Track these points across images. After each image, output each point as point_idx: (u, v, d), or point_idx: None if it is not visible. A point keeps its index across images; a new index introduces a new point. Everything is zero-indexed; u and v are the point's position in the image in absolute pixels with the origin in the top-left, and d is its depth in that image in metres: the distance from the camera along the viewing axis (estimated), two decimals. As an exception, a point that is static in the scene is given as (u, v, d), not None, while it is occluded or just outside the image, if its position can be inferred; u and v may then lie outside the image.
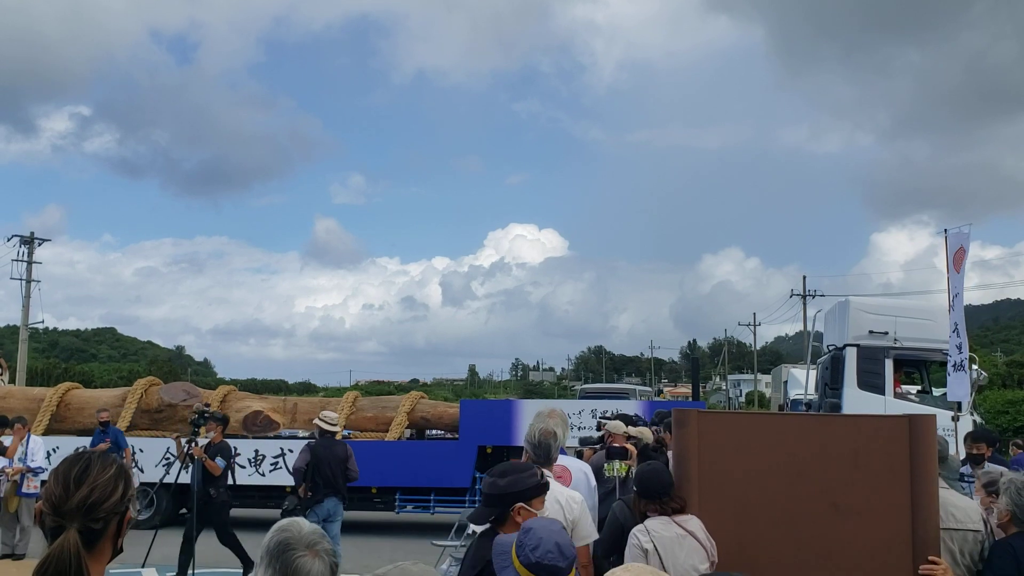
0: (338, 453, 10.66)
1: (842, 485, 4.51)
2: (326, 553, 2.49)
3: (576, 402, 19.82)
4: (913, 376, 18.58)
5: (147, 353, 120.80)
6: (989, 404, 33.60)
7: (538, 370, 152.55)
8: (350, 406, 16.22)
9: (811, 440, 4.63)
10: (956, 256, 11.74)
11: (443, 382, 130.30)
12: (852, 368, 16.48)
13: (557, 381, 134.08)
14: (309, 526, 2.60)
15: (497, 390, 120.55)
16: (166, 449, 15.54)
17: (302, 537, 2.51)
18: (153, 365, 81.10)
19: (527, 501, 3.78)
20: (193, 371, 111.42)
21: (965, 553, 4.54)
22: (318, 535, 2.53)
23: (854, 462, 4.53)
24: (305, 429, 16.99)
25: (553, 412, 5.72)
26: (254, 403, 16.83)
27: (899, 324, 16.52)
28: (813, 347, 21.16)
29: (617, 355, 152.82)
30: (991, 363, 50.07)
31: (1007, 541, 4.44)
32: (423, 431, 17.24)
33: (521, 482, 3.80)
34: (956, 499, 4.72)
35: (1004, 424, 32.89)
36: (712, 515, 4.51)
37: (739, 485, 4.56)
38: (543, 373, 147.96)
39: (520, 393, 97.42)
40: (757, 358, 76.30)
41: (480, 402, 22.35)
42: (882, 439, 4.56)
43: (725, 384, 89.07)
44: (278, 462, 15.37)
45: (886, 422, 4.80)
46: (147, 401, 16.61)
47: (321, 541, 2.51)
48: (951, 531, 4.53)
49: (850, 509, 4.48)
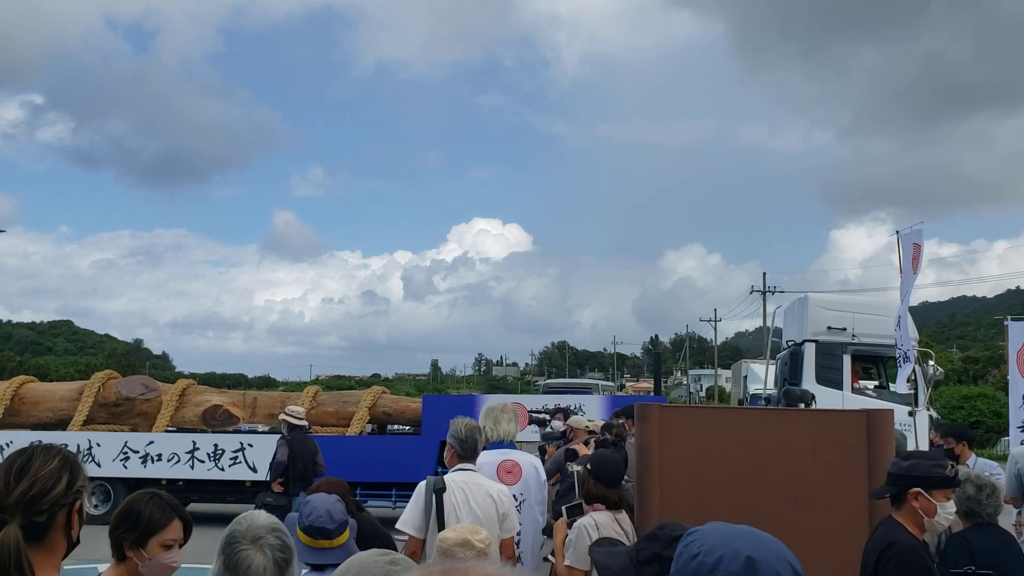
0: (309, 448, 10.73)
1: (801, 478, 4.55)
2: (270, 548, 2.48)
3: (539, 397, 19.83)
4: (870, 371, 18.84)
5: (104, 346, 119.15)
6: (945, 399, 34.22)
7: (501, 365, 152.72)
8: (311, 400, 16.08)
9: (771, 434, 4.67)
10: (914, 255, 11.89)
11: (405, 377, 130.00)
12: (811, 363, 16.66)
13: (520, 376, 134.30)
14: (264, 519, 2.57)
15: (460, 385, 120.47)
16: (124, 443, 15.32)
17: (249, 530, 2.50)
18: (111, 358, 79.95)
19: (927, 489, 3.80)
20: (151, 365, 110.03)
21: (921, 545, 4.60)
22: (266, 529, 2.51)
23: (813, 456, 4.57)
24: (265, 424, 16.83)
25: (505, 406, 5.76)
26: (213, 397, 16.63)
27: (857, 320, 16.74)
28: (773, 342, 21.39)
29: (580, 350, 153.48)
30: (947, 359, 50.98)
31: (962, 534, 4.51)
32: (385, 426, 17.15)
33: (923, 468, 3.84)
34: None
35: (960, 419, 33.52)
36: (673, 507, 4.53)
37: (700, 478, 4.58)
38: (506, 368, 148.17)
39: (483, 388, 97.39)
40: (718, 353, 77.00)
41: (443, 397, 22.29)
42: (840, 433, 4.61)
43: (686, 379, 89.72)
44: (237, 456, 15.20)
45: (844, 416, 4.86)
46: (105, 395, 16.34)
47: (267, 536, 2.49)
48: (907, 524, 4.58)
49: (809, 502, 4.52)
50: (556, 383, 36.59)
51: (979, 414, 33.60)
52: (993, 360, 58.56)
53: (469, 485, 4.93)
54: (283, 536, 2.55)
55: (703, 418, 5.06)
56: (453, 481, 4.87)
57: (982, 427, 31.98)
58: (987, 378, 50.52)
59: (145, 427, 15.87)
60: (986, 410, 34.36)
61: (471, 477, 5.02)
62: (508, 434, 5.61)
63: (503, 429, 5.59)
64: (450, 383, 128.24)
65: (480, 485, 4.96)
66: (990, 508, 4.49)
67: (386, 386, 19.19)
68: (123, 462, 15.23)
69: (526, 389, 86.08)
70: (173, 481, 14.96)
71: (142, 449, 15.32)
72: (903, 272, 12.17)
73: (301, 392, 17.11)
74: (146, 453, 15.29)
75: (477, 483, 4.98)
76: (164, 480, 15.08)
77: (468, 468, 5.07)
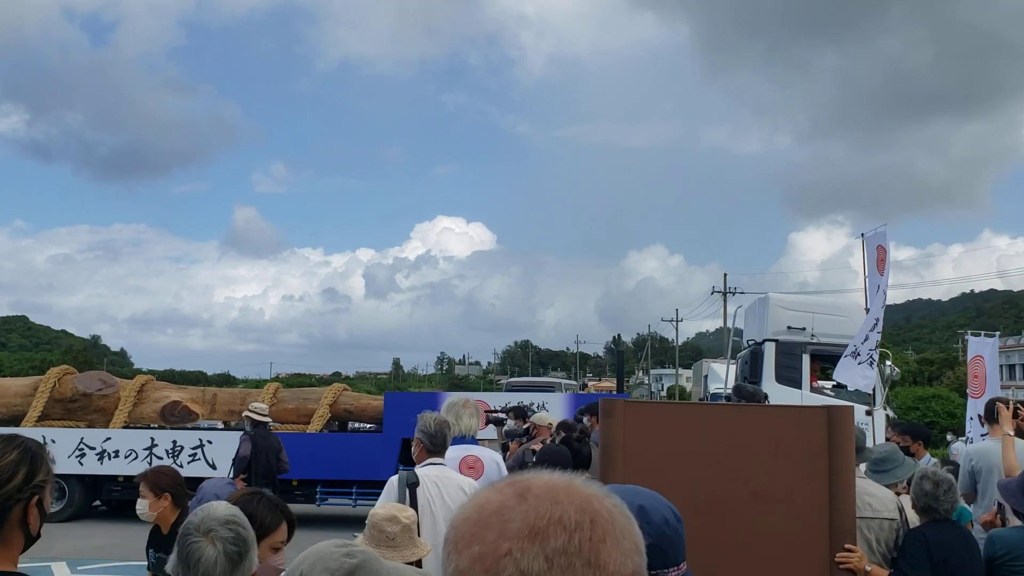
0: (273, 444, 10.63)
1: (762, 475, 4.57)
2: (221, 540, 2.46)
3: (502, 395, 19.83)
4: (828, 371, 19.08)
5: (61, 342, 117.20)
6: (900, 400, 34.75)
7: (464, 364, 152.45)
8: (271, 397, 15.94)
9: (734, 430, 4.69)
10: (878, 257, 12.03)
11: (367, 375, 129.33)
12: (771, 362, 16.84)
13: (483, 375, 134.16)
14: (222, 511, 2.56)
15: (422, 384, 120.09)
16: (80, 439, 15.08)
17: (203, 522, 2.49)
18: (67, 355, 78.46)
19: None
20: (109, 361, 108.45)
21: (881, 541, 4.66)
22: (219, 521, 2.49)
23: (774, 452, 4.60)
24: (225, 420, 16.65)
25: (467, 402, 5.76)
26: (172, 393, 16.44)
27: (816, 320, 16.95)
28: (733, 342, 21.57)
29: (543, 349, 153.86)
30: (903, 361, 51.77)
31: (920, 530, 4.58)
32: (346, 424, 17.04)
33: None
34: (873, 489, 4.84)
35: (915, 419, 34.04)
36: (636, 504, 4.54)
37: (663, 474, 4.59)
38: (469, 367, 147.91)
39: (446, 387, 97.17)
40: (679, 353, 77.53)
41: (405, 394, 22.20)
42: (801, 430, 4.64)
43: (648, 379, 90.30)
44: (196, 453, 15.03)
45: (805, 413, 4.89)
46: (60, 390, 16.07)
47: (219, 528, 2.47)
48: (867, 520, 4.64)
49: (770, 498, 4.54)
50: (519, 381, 36.59)
51: (933, 415, 34.11)
52: (947, 362, 59.65)
53: (442, 479, 4.94)
54: (238, 528, 2.51)
55: (667, 414, 5.07)
56: (426, 476, 4.86)
57: (936, 427, 32.44)
58: (941, 379, 51.37)
59: (102, 423, 15.64)
60: (940, 411, 34.90)
61: (442, 471, 5.02)
62: (469, 429, 5.60)
63: (464, 424, 5.57)
64: (412, 382, 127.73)
65: (452, 479, 4.99)
66: (947, 504, 4.58)
67: (347, 384, 19.09)
68: (79, 459, 14.98)
69: (489, 388, 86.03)
70: (130, 478, 14.75)
71: (99, 445, 15.10)
72: (868, 274, 12.31)
73: (261, 389, 16.96)
74: (103, 450, 15.07)
75: (449, 477, 5.00)
76: (121, 477, 14.88)
77: (438, 463, 5.06)
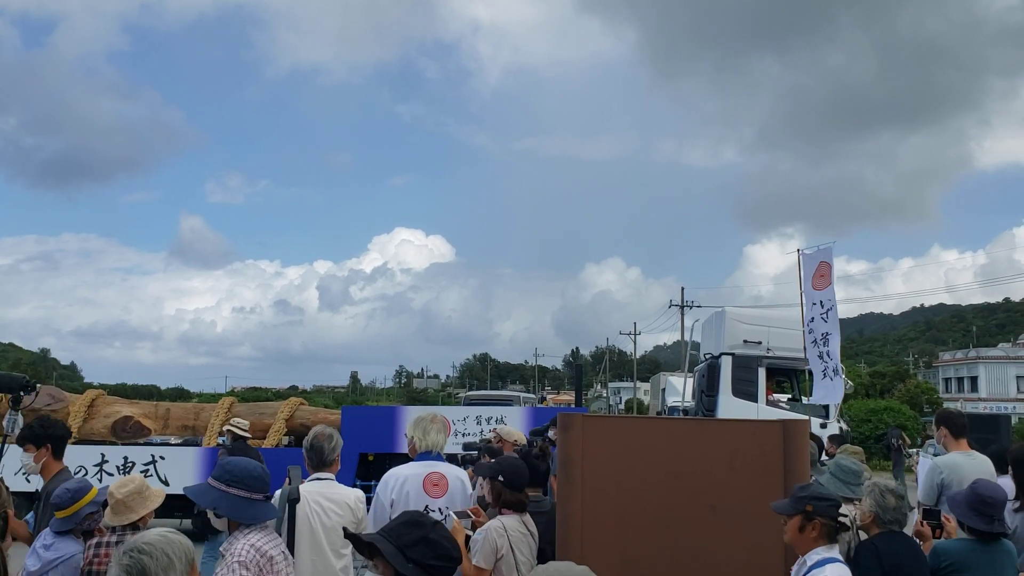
0: (253, 459, 10.46)
1: (719, 487, 4.62)
2: (119, 566, 2.50)
3: (460, 409, 19.77)
4: (783, 384, 19.31)
5: (7, 356, 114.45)
6: (854, 412, 35.25)
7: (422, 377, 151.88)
8: (226, 412, 15.72)
9: (691, 443, 4.73)
10: (818, 273, 12.21)
11: (324, 389, 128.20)
12: (727, 376, 17.00)
13: (441, 388, 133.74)
14: (150, 537, 2.64)
15: (380, 397, 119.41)
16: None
17: (128, 543, 2.56)
18: (16, 368, 76.86)
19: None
20: (59, 375, 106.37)
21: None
22: (129, 547, 2.54)
23: (730, 465, 4.65)
24: (178, 435, 16.38)
25: (435, 417, 5.68)
26: (124, 408, 16.13)
27: (772, 334, 17.15)
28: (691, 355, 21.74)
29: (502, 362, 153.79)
30: (856, 374, 52.52)
31: (871, 541, 4.65)
32: (302, 438, 16.87)
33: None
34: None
35: (867, 432, 34.58)
36: (595, 517, 4.55)
37: (622, 487, 4.61)
38: (427, 380, 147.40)
39: (404, 400, 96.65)
40: (637, 366, 77.90)
41: (362, 408, 22.01)
42: (757, 443, 4.69)
43: (606, 391, 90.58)
44: (148, 470, 14.76)
45: (761, 427, 4.94)
46: (6, 406, 15.71)
47: (123, 556, 2.52)
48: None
49: (726, 511, 4.59)
50: (477, 395, 36.50)
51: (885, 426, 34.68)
52: (899, 375, 60.80)
53: (324, 495, 4.88)
54: (141, 557, 2.51)
55: (625, 428, 5.10)
56: (307, 492, 4.79)
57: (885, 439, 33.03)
58: (893, 392, 52.25)
59: (51, 439, 15.30)
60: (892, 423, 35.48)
61: (327, 487, 4.96)
62: (436, 445, 5.50)
63: (431, 440, 5.48)
64: (370, 395, 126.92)
65: (337, 494, 4.94)
66: (900, 516, 4.66)
67: (304, 398, 18.89)
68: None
69: (447, 401, 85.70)
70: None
71: (47, 462, 14.77)
72: (803, 289, 12.46)
73: (216, 404, 16.72)
74: (51, 466, 14.75)
75: (334, 492, 4.94)
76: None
77: (325, 477, 5.02)
